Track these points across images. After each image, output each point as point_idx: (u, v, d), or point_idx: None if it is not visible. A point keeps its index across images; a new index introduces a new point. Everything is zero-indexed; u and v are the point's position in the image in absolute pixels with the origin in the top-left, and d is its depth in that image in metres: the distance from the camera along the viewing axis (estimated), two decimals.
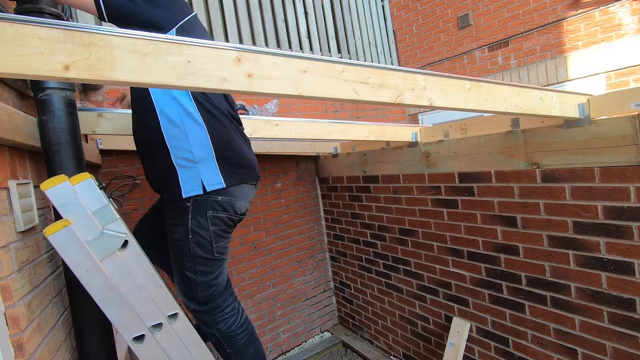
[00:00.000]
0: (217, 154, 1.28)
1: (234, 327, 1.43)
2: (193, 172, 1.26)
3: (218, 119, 1.31)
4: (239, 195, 1.34)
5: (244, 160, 1.38)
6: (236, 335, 1.43)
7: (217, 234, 1.32)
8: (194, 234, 1.29)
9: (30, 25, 0.62)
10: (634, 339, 1.46)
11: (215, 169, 1.28)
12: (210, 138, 1.28)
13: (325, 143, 2.94)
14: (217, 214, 1.30)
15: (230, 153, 1.32)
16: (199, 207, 1.28)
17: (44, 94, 1.13)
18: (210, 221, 1.29)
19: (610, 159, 1.44)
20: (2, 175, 0.90)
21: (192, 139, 1.26)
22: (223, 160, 1.29)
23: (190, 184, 1.26)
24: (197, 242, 1.30)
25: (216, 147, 1.28)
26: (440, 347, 2.36)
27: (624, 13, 3.28)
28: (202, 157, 1.27)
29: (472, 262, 2.06)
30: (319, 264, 3.38)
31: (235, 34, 2.93)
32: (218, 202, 1.29)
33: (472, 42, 4.53)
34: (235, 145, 1.35)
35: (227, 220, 1.34)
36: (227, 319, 1.42)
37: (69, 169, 1.14)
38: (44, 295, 1.05)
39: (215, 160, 1.28)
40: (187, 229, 1.29)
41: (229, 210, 1.32)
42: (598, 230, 1.51)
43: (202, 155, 1.27)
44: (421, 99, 1.09)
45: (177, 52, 0.74)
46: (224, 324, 1.41)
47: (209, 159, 1.27)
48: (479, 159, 1.93)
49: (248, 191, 1.40)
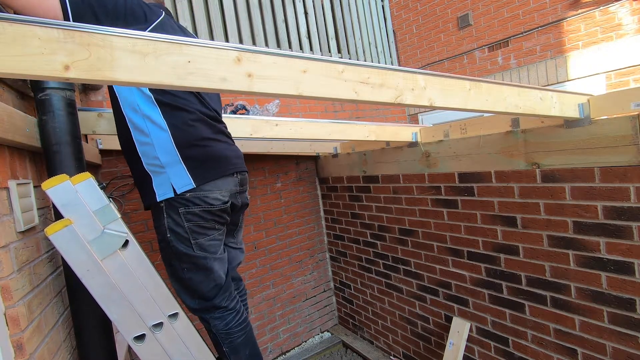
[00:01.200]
0: (183, 155, 1.28)
1: (231, 325, 1.43)
2: (164, 177, 1.29)
3: (185, 120, 1.31)
4: (210, 189, 1.33)
5: (214, 156, 1.36)
6: (233, 333, 1.43)
7: (193, 230, 1.32)
8: (171, 232, 1.31)
9: (30, 25, 0.62)
10: (634, 339, 1.46)
11: (184, 171, 1.28)
12: (174, 141, 1.28)
13: (325, 143, 2.94)
14: (188, 209, 1.30)
15: (197, 152, 1.31)
16: (171, 206, 1.30)
17: (44, 94, 1.13)
18: (184, 217, 1.30)
19: (610, 159, 1.44)
20: (2, 175, 0.90)
21: (158, 145, 1.28)
22: (190, 161, 1.29)
23: (162, 188, 1.29)
24: (176, 240, 1.31)
25: (182, 149, 1.28)
26: (440, 347, 2.36)
27: (624, 13, 3.28)
28: (168, 162, 1.28)
29: (472, 262, 2.06)
30: (319, 264, 3.38)
31: (235, 34, 2.93)
32: (187, 198, 1.29)
33: (472, 42, 4.53)
34: (204, 143, 1.34)
35: (203, 213, 1.32)
36: (224, 316, 1.42)
37: (69, 169, 1.14)
38: (44, 295, 1.05)
39: (182, 163, 1.28)
40: (165, 228, 1.31)
41: (200, 204, 1.31)
42: (598, 230, 1.51)
43: (169, 159, 1.28)
44: (421, 99, 1.09)
45: (177, 52, 0.74)
46: (221, 322, 1.41)
47: (175, 162, 1.28)
48: (479, 159, 1.93)
49: (223, 183, 1.37)
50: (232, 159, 1.43)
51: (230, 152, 1.43)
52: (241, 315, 1.48)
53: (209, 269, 1.37)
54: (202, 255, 1.35)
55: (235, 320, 1.44)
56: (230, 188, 1.40)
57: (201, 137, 1.33)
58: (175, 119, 1.29)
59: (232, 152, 1.45)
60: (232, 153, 1.44)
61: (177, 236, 1.31)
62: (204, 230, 1.35)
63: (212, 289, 1.39)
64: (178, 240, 1.31)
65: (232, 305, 1.46)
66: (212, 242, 1.38)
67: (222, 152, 1.39)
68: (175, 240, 1.31)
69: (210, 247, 1.38)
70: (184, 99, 1.32)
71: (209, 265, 1.37)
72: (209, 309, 1.40)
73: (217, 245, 1.41)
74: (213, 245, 1.39)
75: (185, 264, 1.33)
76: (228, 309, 1.44)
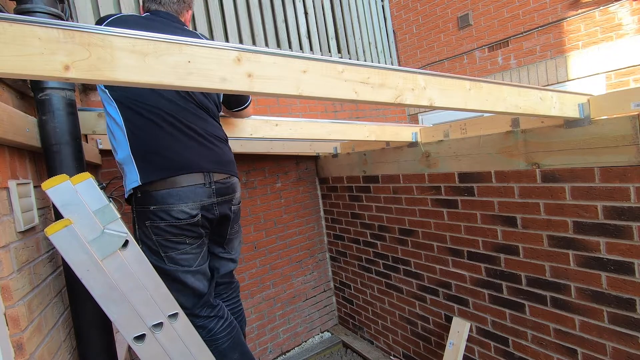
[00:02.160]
0: (136, 153, 1.25)
1: (214, 331, 1.39)
2: (124, 174, 1.30)
3: (147, 118, 1.27)
4: (173, 201, 1.25)
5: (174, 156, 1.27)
6: (218, 339, 1.40)
7: (161, 243, 1.27)
8: (143, 244, 1.29)
9: (30, 25, 0.62)
10: (634, 339, 1.46)
11: (133, 168, 1.25)
12: (128, 138, 1.25)
13: (325, 143, 2.93)
14: (154, 223, 1.26)
15: (153, 150, 1.26)
16: (139, 217, 1.28)
17: (44, 94, 1.13)
18: (151, 231, 1.26)
19: (610, 159, 1.43)
20: (2, 175, 0.90)
21: (118, 143, 1.28)
22: (142, 159, 1.25)
23: (125, 185, 1.29)
24: (148, 252, 1.27)
25: (135, 146, 1.25)
26: (440, 347, 2.36)
27: (624, 13, 3.28)
28: (124, 159, 1.27)
29: (472, 262, 2.06)
30: (319, 264, 3.38)
31: (235, 34, 2.93)
32: (151, 211, 1.25)
33: (472, 42, 4.53)
34: (165, 143, 1.27)
35: (169, 228, 1.26)
36: (205, 324, 1.38)
37: (69, 168, 1.15)
38: (44, 295, 1.05)
39: (132, 160, 1.25)
40: (137, 238, 1.29)
41: (165, 219, 1.25)
42: (598, 230, 1.51)
43: (124, 156, 1.27)
44: (421, 99, 1.09)
45: (177, 52, 0.74)
46: (203, 329, 1.37)
47: (128, 159, 1.26)
48: (479, 159, 1.93)
49: (185, 194, 1.26)
50: (199, 158, 1.32)
51: (197, 153, 1.32)
52: (224, 321, 1.43)
53: (182, 283, 1.32)
54: (173, 268, 1.29)
55: (218, 327, 1.40)
56: (200, 199, 1.30)
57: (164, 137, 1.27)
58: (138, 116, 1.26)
59: (203, 152, 1.34)
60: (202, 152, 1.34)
61: (148, 248, 1.28)
62: (173, 245, 1.29)
63: (188, 300, 1.34)
64: (149, 252, 1.28)
65: (213, 313, 1.41)
66: (184, 256, 1.32)
67: (183, 152, 1.29)
68: (147, 251, 1.27)
69: (183, 261, 1.31)
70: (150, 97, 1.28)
71: (182, 279, 1.31)
72: (191, 315, 1.35)
73: (191, 258, 1.33)
74: (186, 259, 1.32)
75: (160, 274, 1.22)
76: (209, 317, 1.39)
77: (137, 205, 1.28)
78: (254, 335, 2.93)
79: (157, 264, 1.27)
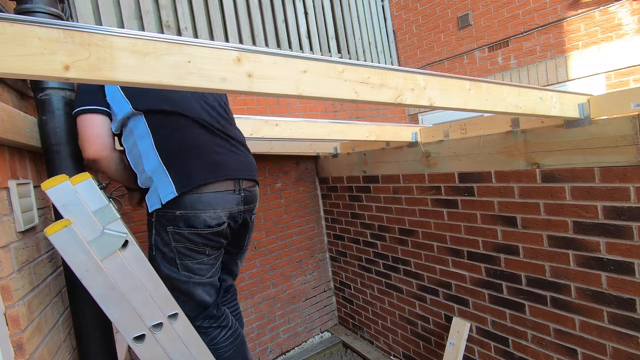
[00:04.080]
0: (167, 163, 1.19)
1: (217, 340, 1.36)
2: (153, 187, 1.21)
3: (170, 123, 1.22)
4: (202, 207, 1.20)
5: (204, 162, 1.23)
6: (220, 348, 1.37)
7: (180, 251, 1.22)
8: (157, 250, 1.23)
9: (30, 25, 0.62)
10: (634, 339, 1.46)
11: (167, 179, 1.18)
12: (156, 147, 1.19)
13: (325, 143, 2.93)
14: (177, 230, 1.19)
15: (183, 157, 1.21)
16: (160, 222, 1.21)
17: (44, 94, 1.13)
18: (172, 237, 1.20)
19: (610, 159, 1.43)
20: (2, 175, 0.90)
21: (144, 155, 1.21)
22: (174, 168, 1.19)
23: (151, 199, 1.21)
24: (162, 260, 1.23)
25: (165, 156, 1.19)
26: (440, 347, 2.36)
27: (624, 13, 3.28)
28: (153, 170, 1.19)
29: (472, 262, 2.06)
30: (319, 264, 3.37)
31: (235, 34, 2.93)
32: (177, 216, 1.19)
33: (472, 42, 4.53)
34: (193, 147, 1.23)
35: (192, 236, 1.21)
36: (209, 332, 1.35)
37: (69, 169, 1.14)
38: (44, 295, 1.05)
39: (165, 170, 1.18)
40: (152, 245, 1.24)
41: (191, 226, 1.19)
42: (598, 230, 1.51)
43: (152, 167, 1.19)
44: (421, 99, 1.09)
45: (177, 52, 0.74)
46: (206, 337, 1.34)
47: (158, 169, 1.19)
48: (479, 159, 1.93)
49: (216, 200, 1.22)
50: (231, 164, 1.29)
51: (229, 158, 1.29)
52: (228, 329, 1.39)
53: (191, 294, 1.28)
54: (185, 278, 1.24)
55: (221, 336, 1.37)
56: (230, 207, 1.26)
57: (190, 144, 1.23)
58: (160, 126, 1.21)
59: (232, 158, 1.31)
60: (232, 159, 1.30)
61: (162, 255, 1.22)
62: (192, 254, 1.24)
63: (193, 310, 1.30)
64: (163, 259, 1.23)
65: (217, 324, 1.37)
66: (200, 266, 1.26)
67: (216, 157, 1.26)
68: (161, 259, 1.22)
69: (198, 270, 1.26)
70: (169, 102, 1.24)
71: (190, 290, 1.27)
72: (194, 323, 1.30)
73: (206, 269, 1.28)
74: (201, 269, 1.27)
75: (168, 283, 1.19)
76: (212, 326, 1.36)
77: (162, 209, 1.20)
78: (254, 335, 2.93)
79: (169, 272, 1.23)
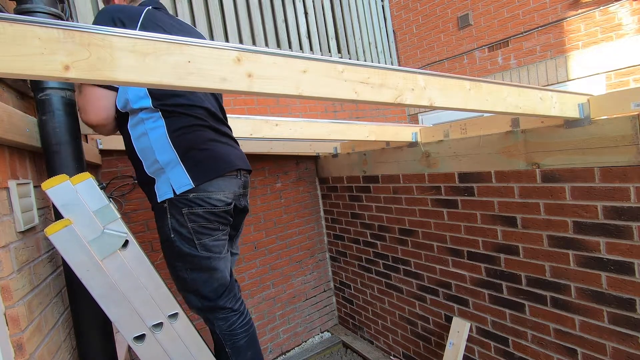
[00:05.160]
0: (182, 156, 1.27)
1: (235, 326, 1.43)
2: (164, 177, 1.28)
3: (185, 123, 1.30)
4: (213, 190, 1.32)
5: (214, 156, 1.35)
6: (236, 335, 1.43)
7: (196, 230, 1.32)
8: (175, 232, 1.30)
9: (30, 25, 0.62)
10: (634, 339, 1.46)
11: (182, 171, 1.27)
12: (172, 142, 1.27)
13: (325, 143, 2.94)
14: (192, 210, 1.29)
15: (197, 152, 1.31)
16: (174, 206, 1.29)
17: (44, 94, 1.13)
18: (187, 218, 1.29)
19: (610, 159, 1.44)
20: (2, 175, 0.90)
21: (157, 147, 1.28)
22: (189, 161, 1.28)
23: (162, 189, 1.29)
24: (180, 240, 1.31)
25: (180, 148, 1.28)
26: (440, 347, 2.36)
27: (624, 13, 3.28)
28: (167, 162, 1.27)
29: (472, 262, 2.06)
30: (319, 264, 3.38)
31: (235, 34, 2.93)
32: (190, 199, 1.28)
33: (472, 42, 4.53)
34: (204, 143, 1.33)
35: (206, 214, 1.32)
36: (228, 317, 1.42)
37: (69, 169, 1.14)
38: (44, 295, 1.05)
39: (180, 163, 1.27)
40: (169, 228, 1.31)
41: (203, 205, 1.31)
42: (598, 230, 1.51)
43: (167, 159, 1.27)
44: (421, 99, 1.09)
45: (177, 52, 0.74)
46: (225, 322, 1.41)
47: (174, 162, 1.27)
48: (479, 159, 1.93)
49: (224, 183, 1.36)
50: (234, 158, 1.42)
51: (232, 152, 1.43)
52: (245, 316, 1.48)
53: (213, 269, 1.37)
54: (205, 255, 1.34)
55: (239, 322, 1.44)
56: (234, 190, 1.40)
57: (202, 139, 1.33)
58: (175, 121, 1.29)
59: (234, 152, 1.44)
60: (234, 153, 1.44)
61: (180, 236, 1.31)
62: (207, 231, 1.34)
63: (215, 289, 1.38)
64: (182, 240, 1.31)
65: (236, 307, 1.45)
66: (216, 243, 1.37)
67: (223, 152, 1.39)
68: (179, 240, 1.31)
69: (215, 248, 1.37)
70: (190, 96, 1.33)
71: (213, 265, 1.37)
72: (213, 309, 1.40)
73: (221, 245, 1.40)
74: (217, 246, 1.38)
75: (189, 264, 1.32)
76: (233, 310, 1.43)
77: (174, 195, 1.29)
78: None
79: (189, 251, 1.31)
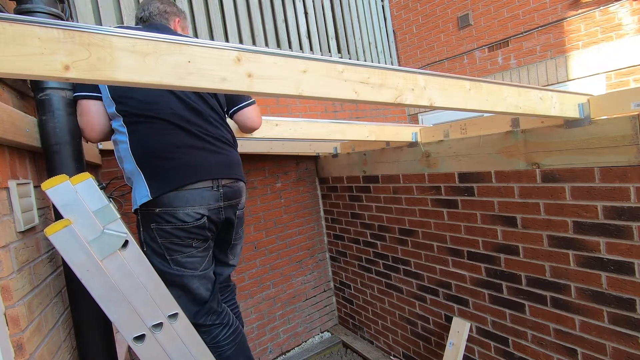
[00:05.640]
0: (141, 165, 1.21)
1: (218, 339, 1.37)
2: (134, 186, 1.26)
3: (147, 124, 1.23)
4: (179, 204, 1.22)
5: (181, 166, 1.24)
6: (222, 347, 1.37)
7: (167, 246, 1.25)
8: (147, 246, 1.26)
9: (30, 25, 0.62)
10: (634, 339, 1.46)
11: (142, 182, 1.21)
12: (131, 150, 1.21)
13: (325, 143, 2.93)
14: (160, 225, 1.23)
15: (161, 161, 1.22)
16: (144, 220, 1.25)
17: (44, 94, 1.13)
18: (156, 234, 1.24)
19: (610, 159, 1.43)
20: (2, 175, 0.90)
21: (124, 155, 1.25)
22: (149, 171, 1.21)
23: (134, 198, 1.26)
24: (152, 255, 1.25)
25: (138, 157, 1.21)
26: (440, 347, 2.36)
27: (624, 13, 3.28)
28: (131, 171, 1.24)
29: (472, 262, 2.06)
30: (319, 264, 3.38)
31: (235, 34, 2.93)
32: (157, 214, 1.22)
33: (472, 42, 4.53)
34: (171, 150, 1.24)
35: (175, 231, 1.24)
36: (210, 331, 1.36)
37: (69, 169, 1.14)
38: (44, 295, 1.05)
39: (140, 172, 1.21)
40: (142, 241, 1.27)
41: (171, 222, 1.22)
42: (598, 230, 1.51)
43: (131, 169, 1.24)
44: (421, 99, 1.09)
45: (177, 52, 0.74)
46: (208, 335, 1.35)
47: (135, 172, 1.22)
48: (479, 159, 1.93)
49: (193, 197, 1.24)
50: (211, 166, 1.30)
51: (209, 159, 1.30)
52: (229, 327, 1.40)
53: (185, 287, 1.29)
54: (177, 272, 1.27)
55: (222, 335, 1.37)
56: (209, 203, 1.28)
57: (169, 146, 1.24)
58: (137, 128, 1.23)
59: (212, 159, 1.31)
60: (212, 159, 1.31)
61: (152, 250, 1.26)
62: (179, 247, 1.27)
63: (188, 308, 1.28)
64: (154, 254, 1.26)
65: (218, 321, 1.37)
66: (190, 259, 1.29)
67: (195, 160, 1.27)
68: (152, 254, 1.25)
69: (188, 264, 1.28)
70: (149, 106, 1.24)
71: (184, 283, 1.29)
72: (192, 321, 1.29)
73: (197, 262, 1.31)
74: (192, 262, 1.29)
75: (162, 279, 1.19)
76: (214, 324, 1.36)
77: (142, 207, 1.24)
78: (254, 335, 2.93)
79: (162, 267, 1.25)
